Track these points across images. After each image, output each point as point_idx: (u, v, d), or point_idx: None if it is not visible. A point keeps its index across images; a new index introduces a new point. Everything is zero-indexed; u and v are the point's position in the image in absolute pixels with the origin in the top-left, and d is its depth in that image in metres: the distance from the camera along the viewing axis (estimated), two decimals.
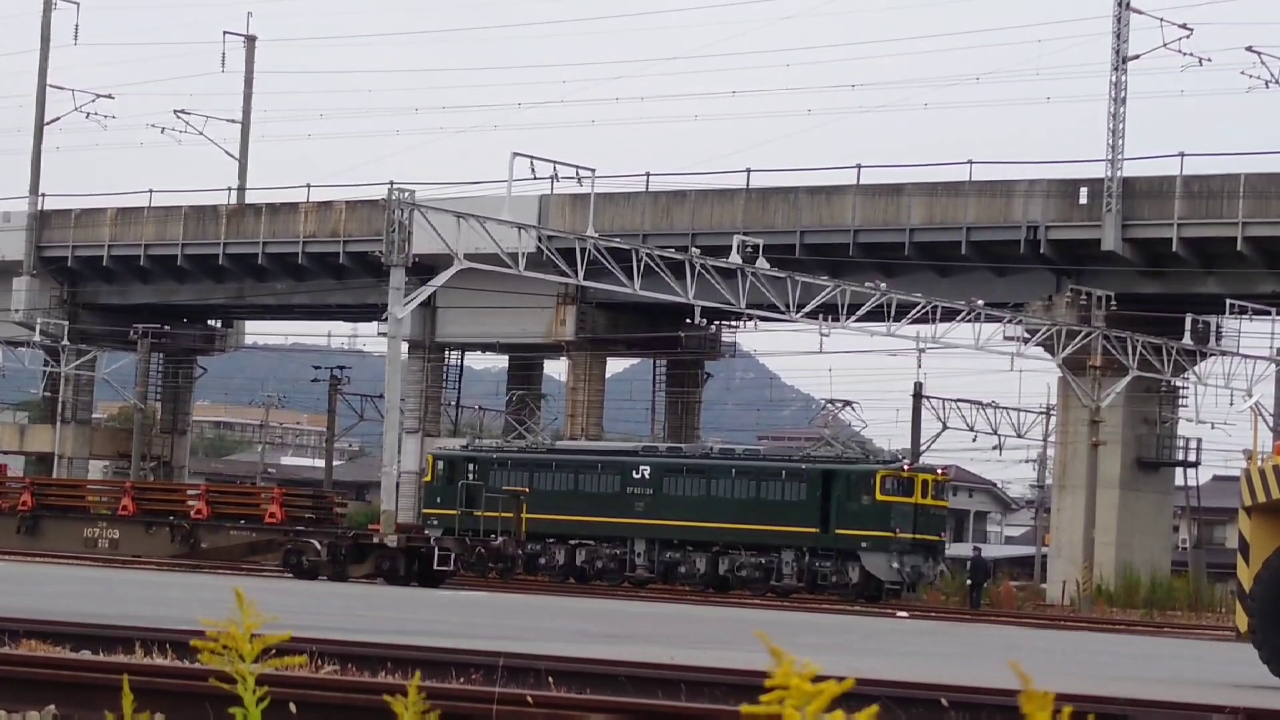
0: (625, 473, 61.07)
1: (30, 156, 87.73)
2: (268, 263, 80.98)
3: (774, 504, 58.33)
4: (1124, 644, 37.78)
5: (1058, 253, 65.56)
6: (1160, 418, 68.06)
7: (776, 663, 4.17)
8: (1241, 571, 22.84)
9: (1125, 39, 64.19)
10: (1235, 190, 62.60)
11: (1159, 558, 67.55)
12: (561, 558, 61.63)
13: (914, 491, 57.44)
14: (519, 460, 63.05)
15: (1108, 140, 63.81)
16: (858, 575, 57.03)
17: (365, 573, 52.33)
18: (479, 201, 62.48)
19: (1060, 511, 66.91)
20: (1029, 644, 34.00)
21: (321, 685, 12.56)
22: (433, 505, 63.46)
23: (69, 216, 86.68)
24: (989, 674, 17.44)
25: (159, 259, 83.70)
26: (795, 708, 4.14)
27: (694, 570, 59.86)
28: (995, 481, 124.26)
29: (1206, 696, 16.36)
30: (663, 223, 71.23)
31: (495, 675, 14.91)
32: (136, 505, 58.69)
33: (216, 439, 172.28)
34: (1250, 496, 22.63)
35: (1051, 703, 4.40)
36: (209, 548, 57.03)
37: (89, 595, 32.89)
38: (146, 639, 17.42)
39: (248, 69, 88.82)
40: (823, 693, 4.13)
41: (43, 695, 12.47)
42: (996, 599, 64.44)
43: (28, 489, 61.62)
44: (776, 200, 70.02)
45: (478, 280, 59.41)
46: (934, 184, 68.27)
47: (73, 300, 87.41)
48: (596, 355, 75.84)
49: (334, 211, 79.36)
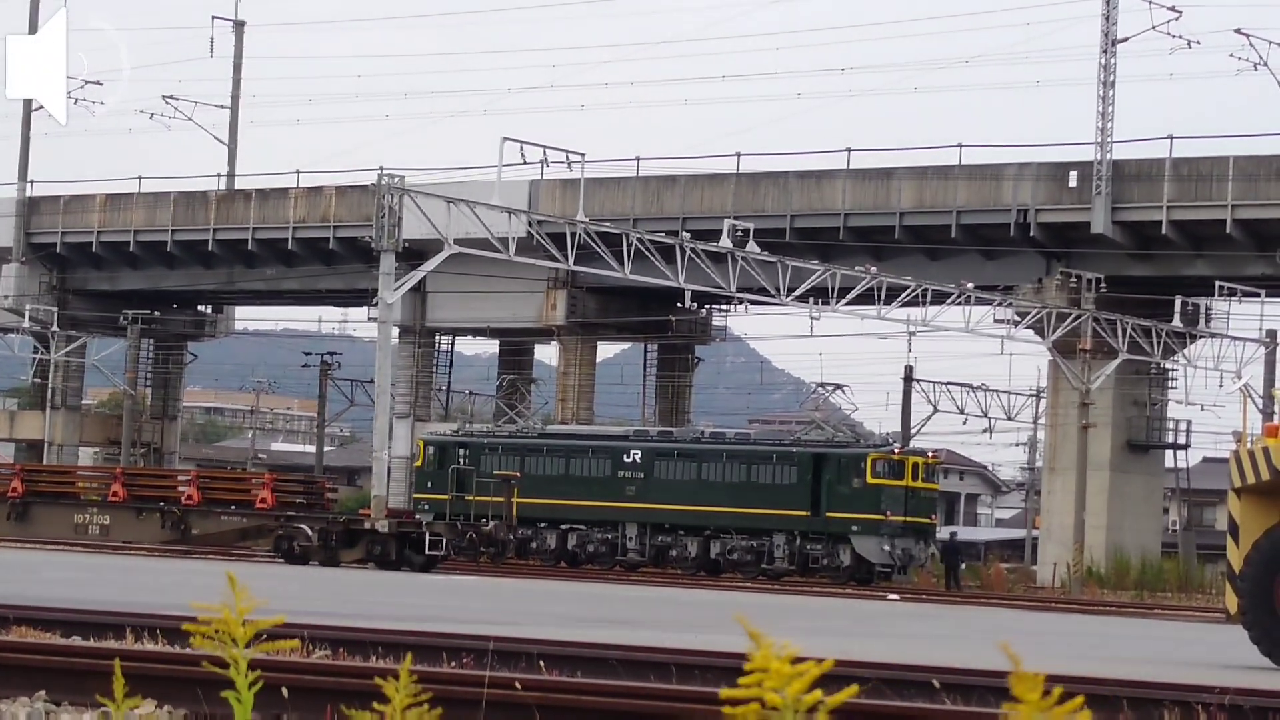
0: (616, 457, 61.08)
1: (19, 142, 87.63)
2: (257, 248, 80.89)
3: (765, 488, 58.37)
4: (1114, 626, 37.85)
5: (1047, 236, 65.58)
6: (1150, 400, 68.11)
7: (755, 645, 4.17)
8: (1231, 553, 22.88)
9: (1114, 21, 64.18)
10: (1224, 173, 62.62)
11: (1149, 540, 67.62)
12: (553, 542, 61.65)
13: (905, 474, 57.48)
14: (510, 445, 63.05)
15: (1097, 123, 63.81)
16: (849, 558, 57.08)
17: (356, 558, 52.35)
18: (469, 186, 62.43)
19: (1050, 494, 66.96)
20: (1019, 626, 34.06)
21: (313, 669, 12.57)
22: (424, 490, 63.45)
23: (58, 203, 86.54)
24: (980, 656, 17.46)
25: (148, 245, 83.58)
26: (774, 689, 4.13)
27: (685, 554, 59.90)
28: (986, 464, 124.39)
29: (1196, 677, 16.39)
30: (653, 207, 71.19)
31: (486, 659, 14.92)
32: (127, 491, 58.68)
33: (207, 425, 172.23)
34: (1240, 478, 22.66)
35: (1042, 684, 4.41)
36: (200, 533, 57.03)
37: (80, 581, 32.90)
38: (137, 625, 17.42)
39: (236, 54, 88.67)
40: (803, 674, 4.13)
41: (33, 681, 12.48)
42: (987, 581, 64.53)
43: (18, 475, 61.59)
44: (766, 184, 70.00)
45: (468, 265, 59.36)
46: (924, 167, 68.26)
47: (62, 286, 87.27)
48: (587, 340, 75.81)
49: (324, 197, 79.26)
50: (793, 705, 4.17)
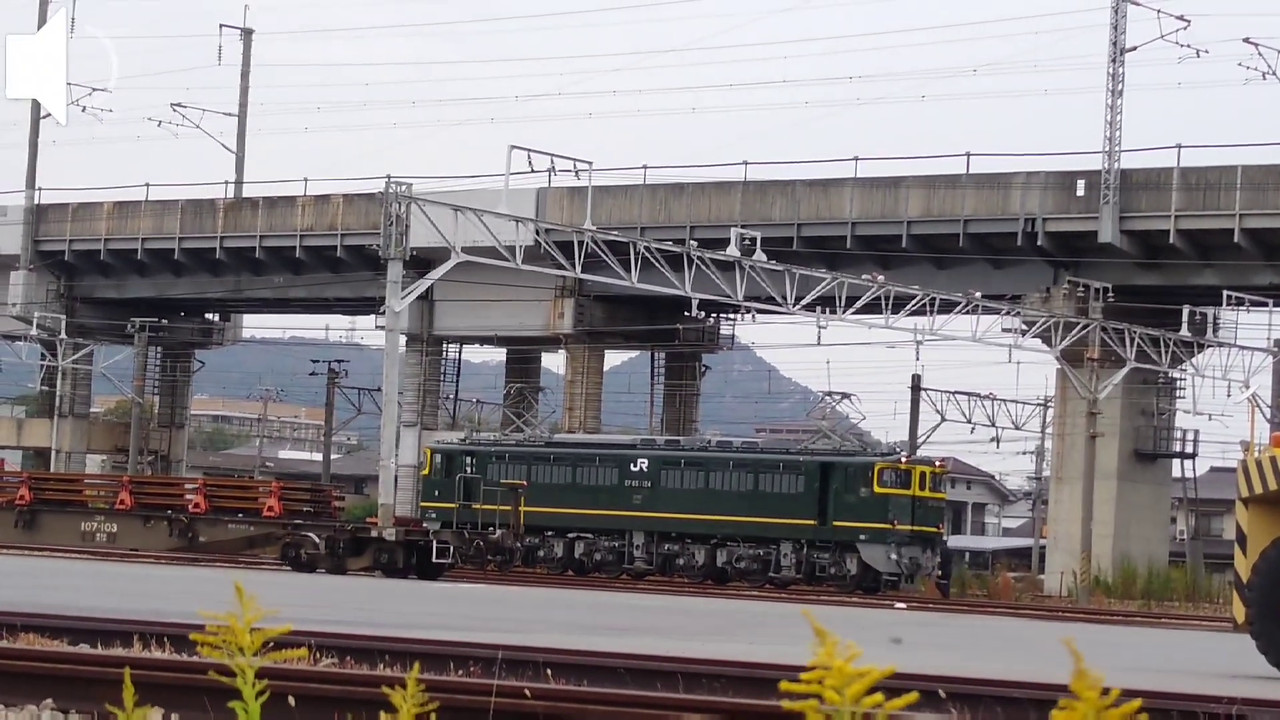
0: (623, 465, 61.09)
1: (27, 150, 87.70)
2: (265, 256, 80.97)
3: (772, 496, 58.38)
4: (1121, 635, 37.81)
5: (1055, 245, 65.57)
6: (1158, 409, 68.08)
7: (820, 643, 4.19)
8: (1239, 562, 22.85)
9: (1123, 31, 64.21)
10: (1232, 182, 62.62)
11: (1156, 549, 67.58)
12: (560, 550, 61.65)
13: (912, 484, 57.47)
14: (517, 453, 63.06)
15: (1105, 132, 63.82)
16: (856, 567, 57.08)
17: (363, 566, 52.35)
18: (476, 195, 62.46)
19: (1058, 503, 66.93)
20: (1027, 635, 34.03)
21: (320, 678, 12.57)
22: (431, 498, 63.46)
23: (66, 210, 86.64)
24: (987, 665, 17.46)
25: (156, 253, 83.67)
26: (835, 689, 4.16)
27: (692, 562, 59.89)
28: (993, 473, 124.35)
29: (1204, 687, 16.37)
30: (660, 215, 71.21)
31: (494, 667, 14.92)
32: (134, 499, 58.71)
33: (214, 433, 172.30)
34: (1247, 488, 22.64)
35: (1101, 685, 4.43)
36: (207, 541, 57.05)
37: (87, 589, 32.91)
38: (145, 633, 17.43)
39: (244, 62, 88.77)
40: (866, 675, 4.16)
41: (41, 689, 12.49)
42: (994, 590, 64.49)
43: (25, 483, 61.62)
44: (774, 193, 70.02)
45: (475, 273, 59.40)
46: (931, 176, 68.28)
47: (70, 294, 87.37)
48: (594, 348, 75.83)
49: (331, 205, 79.33)
50: (851, 705, 4.20)
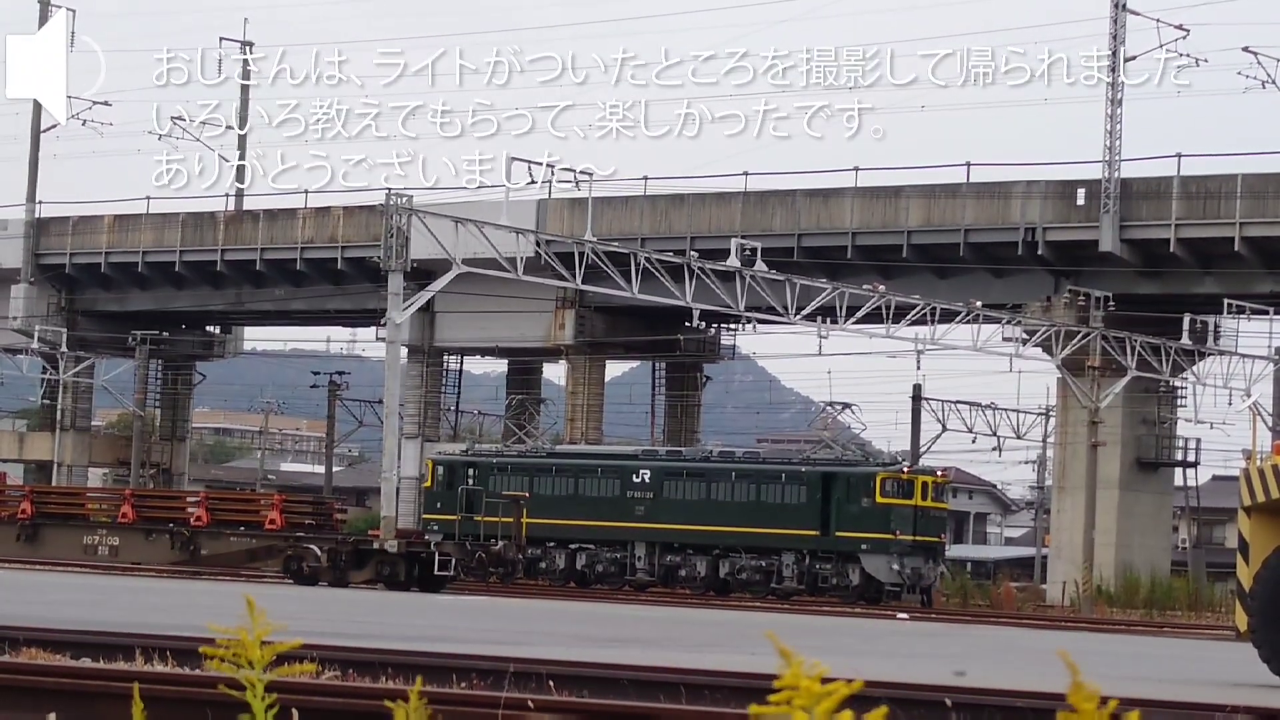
0: (625, 476, 61.06)
1: (27, 164, 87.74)
2: (266, 269, 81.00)
3: (774, 507, 58.36)
4: (1124, 644, 37.80)
5: (1055, 254, 65.59)
6: (1159, 418, 68.07)
7: (785, 663, 4.18)
8: (1241, 571, 22.85)
9: (1122, 40, 64.25)
10: (1232, 190, 62.64)
11: (1159, 558, 67.55)
12: (562, 562, 61.63)
13: (914, 493, 57.46)
14: (519, 465, 63.05)
15: (1105, 141, 63.84)
16: (858, 577, 57.05)
17: (365, 578, 52.33)
18: (477, 206, 62.49)
19: (1060, 512, 66.91)
20: (1030, 644, 34.01)
21: (324, 691, 12.56)
22: (433, 510, 63.44)
23: (66, 224, 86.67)
24: (990, 675, 17.47)
25: (157, 265, 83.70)
26: (803, 708, 4.14)
27: (694, 573, 59.86)
28: (995, 483, 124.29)
29: (1206, 695, 16.37)
30: (661, 226, 71.23)
31: (496, 679, 14.92)
32: (136, 512, 58.69)
33: (216, 445, 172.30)
34: (1249, 496, 22.63)
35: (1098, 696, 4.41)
36: (209, 554, 57.03)
37: (89, 603, 32.90)
38: (147, 646, 17.42)
39: (244, 75, 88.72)
40: (832, 693, 4.14)
41: (43, 703, 12.48)
42: (997, 600, 64.46)
43: (27, 497, 61.60)
44: (774, 203, 70.04)
45: (476, 285, 59.41)
46: (932, 186, 68.30)
47: (71, 307, 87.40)
48: (595, 359, 75.84)
49: (332, 217, 79.36)
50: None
